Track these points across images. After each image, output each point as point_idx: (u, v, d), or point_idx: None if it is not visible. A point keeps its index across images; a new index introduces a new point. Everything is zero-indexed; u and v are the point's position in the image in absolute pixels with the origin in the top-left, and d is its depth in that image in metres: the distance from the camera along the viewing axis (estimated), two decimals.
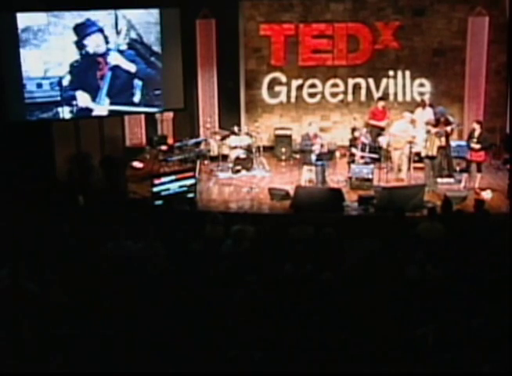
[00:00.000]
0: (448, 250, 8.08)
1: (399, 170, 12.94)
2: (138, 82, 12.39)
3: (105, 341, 5.66)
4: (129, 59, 12.21)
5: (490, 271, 7.12)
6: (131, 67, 12.19)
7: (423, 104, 13.58)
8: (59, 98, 11.79)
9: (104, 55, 12.16)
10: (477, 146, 12.14)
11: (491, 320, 5.78)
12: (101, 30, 12.17)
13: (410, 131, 12.74)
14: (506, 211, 11.01)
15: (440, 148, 12.21)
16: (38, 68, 11.78)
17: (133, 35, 12.19)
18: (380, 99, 13.96)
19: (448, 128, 12.94)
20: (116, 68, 12.19)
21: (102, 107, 12.16)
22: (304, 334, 5.79)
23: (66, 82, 11.65)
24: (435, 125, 12.68)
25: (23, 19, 11.20)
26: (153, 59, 12.39)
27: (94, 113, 12.15)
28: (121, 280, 7.08)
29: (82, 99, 11.79)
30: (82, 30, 11.99)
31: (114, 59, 12.16)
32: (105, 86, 11.96)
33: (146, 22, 12.45)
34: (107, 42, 12.01)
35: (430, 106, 13.58)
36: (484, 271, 7.14)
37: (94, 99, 12.05)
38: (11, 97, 11.49)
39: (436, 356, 5.46)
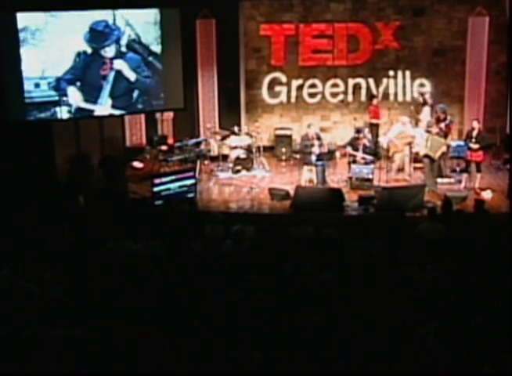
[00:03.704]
0: (448, 250, 8.07)
1: (399, 170, 12.98)
2: (136, 91, 12.40)
3: (105, 341, 5.66)
4: (131, 67, 12.21)
5: (490, 271, 7.12)
6: (132, 76, 12.20)
7: (423, 102, 13.62)
8: (56, 98, 11.98)
9: (112, 58, 12.19)
10: (476, 146, 12.16)
11: (491, 320, 5.78)
12: (115, 36, 12.22)
13: (408, 132, 12.78)
14: (506, 211, 11.01)
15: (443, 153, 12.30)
16: (36, 68, 11.75)
17: (131, 35, 12.19)
18: (373, 97, 13.96)
19: (442, 125, 13.02)
20: (118, 72, 12.19)
21: (103, 107, 12.18)
22: (304, 334, 5.79)
23: (65, 78, 11.59)
24: (436, 123, 12.74)
25: (21, 19, 11.18)
26: (151, 58, 12.40)
27: (96, 114, 12.17)
28: (121, 280, 7.09)
29: (73, 95, 11.67)
30: (102, 36, 11.94)
31: (119, 64, 12.16)
32: (108, 86, 11.96)
33: (144, 22, 12.44)
34: (118, 46, 12.09)
35: (431, 106, 13.60)
36: (485, 271, 7.14)
37: (95, 99, 12.06)
38: (10, 97, 11.49)
39: (436, 356, 5.47)
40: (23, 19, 11.40)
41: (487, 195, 11.61)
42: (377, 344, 5.79)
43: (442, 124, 12.59)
